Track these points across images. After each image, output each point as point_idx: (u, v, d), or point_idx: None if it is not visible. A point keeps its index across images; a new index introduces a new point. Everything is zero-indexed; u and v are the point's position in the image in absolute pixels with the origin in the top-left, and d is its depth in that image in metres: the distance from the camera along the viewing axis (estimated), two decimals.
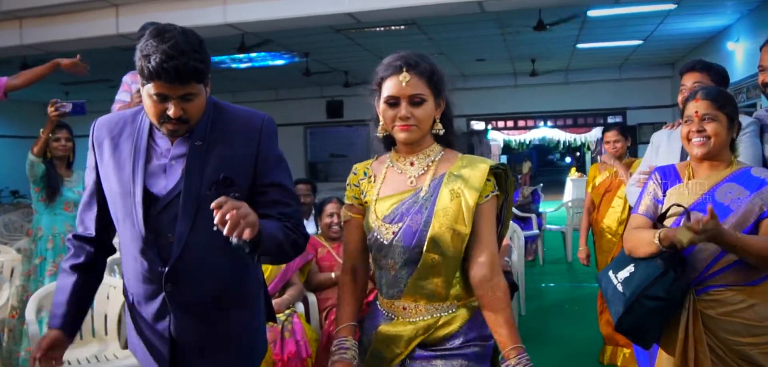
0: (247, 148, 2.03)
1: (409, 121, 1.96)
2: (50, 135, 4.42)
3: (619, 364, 4.88)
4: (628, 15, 9.49)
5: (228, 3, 6.98)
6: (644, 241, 2.42)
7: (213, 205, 1.65)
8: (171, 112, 1.88)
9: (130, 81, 3.90)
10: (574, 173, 17.55)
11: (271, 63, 12.33)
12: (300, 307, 4.08)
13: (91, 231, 2.14)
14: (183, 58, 1.82)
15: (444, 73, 2.03)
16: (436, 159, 2.01)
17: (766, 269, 2.30)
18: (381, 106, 2.02)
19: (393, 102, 1.98)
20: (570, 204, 10.07)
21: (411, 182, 2.01)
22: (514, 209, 7.73)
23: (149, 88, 1.87)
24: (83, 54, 4.13)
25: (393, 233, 1.96)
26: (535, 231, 9.14)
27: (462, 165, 1.98)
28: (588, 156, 21.99)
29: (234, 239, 1.67)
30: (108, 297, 3.86)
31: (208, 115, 2.02)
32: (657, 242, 2.34)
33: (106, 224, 2.13)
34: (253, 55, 11.20)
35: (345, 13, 6.99)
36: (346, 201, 2.14)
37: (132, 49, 2.03)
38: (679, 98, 3.38)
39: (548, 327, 6.11)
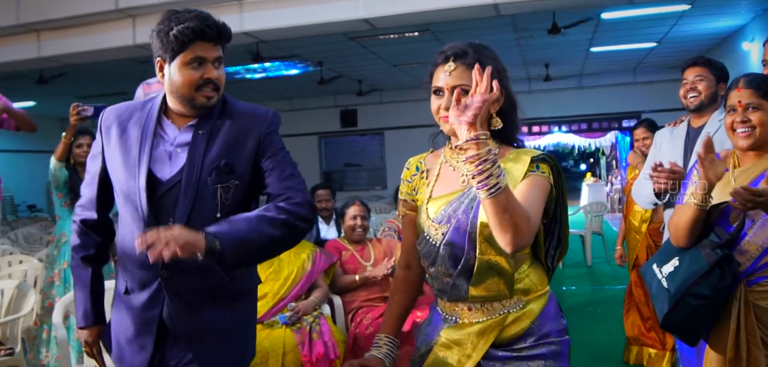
0: (250, 139, 2.05)
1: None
2: (73, 140, 4.44)
3: (644, 364, 4.83)
4: (641, 17, 9.43)
5: (244, 11, 7.01)
6: (682, 212, 2.35)
7: (138, 242, 1.73)
8: (210, 74, 1.96)
9: (143, 93, 3.87)
10: (589, 178, 17.51)
11: (285, 72, 12.36)
12: (326, 309, 4.06)
13: (94, 214, 2.19)
14: (214, 18, 1.96)
15: (502, 67, 1.90)
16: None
17: None
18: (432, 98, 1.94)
19: (438, 92, 1.90)
20: (588, 208, 10.03)
21: (463, 181, 1.90)
22: None
23: (183, 58, 1.95)
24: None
25: (442, 234, 1.87)
26: None
27: (509, 159, 1.87)
28: (603, 161, 21.90)
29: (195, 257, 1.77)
30: None
31: (216, 106, 2.06)
32: (694, 201, 2.27)
33: (106, 208, 2.20)
34: (267, 64, 11.23)
35: (360, 18, 6.98)
36: (400, 197, 2.09)
37: (149, 61, 2.07)
38: (681, 92, 3.39)
39: (571, 329, 6.00)
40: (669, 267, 2.41)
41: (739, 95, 2.41)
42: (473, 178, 1.63)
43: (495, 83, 1.67)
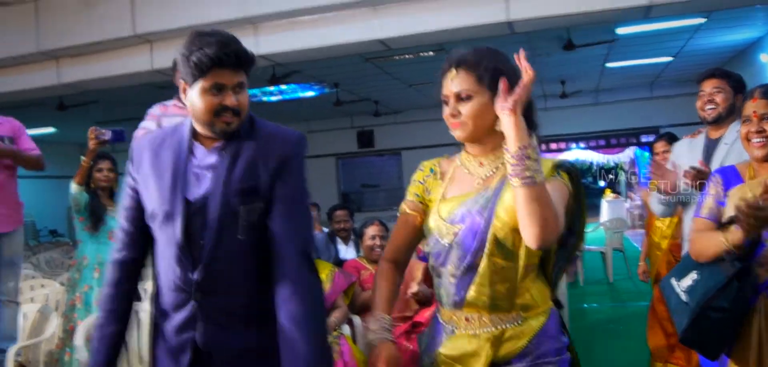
0: (273, 159, 2.03)
1: (456, 119, 1.91)
2: (92, 164, 4.49)
3: None
4: (657, 31, 9.39)
5: (260, 34, 7.06)
6: (711, 243, 2.34)
7: None
8: (228, 101, 1.95)
9: (160, 113, 3.91)
10: (609, 194, 17.37)
11: (301, 95, 12.42)
12: (346, 329, 4.06)
13: (130, 253, 2.16)
14: (236, 44, 1.95)
15: (511, 69, 1.87)
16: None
17: None
18: None
19: (444, 100, 1.95)
20: (608, 224, 9.96)
21: (478, 183, 1.93)
22: None
23: (203, 84, 1.94)
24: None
25: (454, 233, 1.89)
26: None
27: None
28: (622, 177, 21.75)
29: None
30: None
31: (242, 127, 2.05)
32: (726, 242, 2.27)
33: (143, 244, 2.15)
34: (283, 87, 11.29)
35: (375, 39, 7.02)
36: (408, 196, 2.08)
37: (167, 87, 2.07)
38: (698, 104, 3.39)
39: (594, 347, 6.00)
40: (687, 281, 2.40)
41: (755, 106, 2.42)
42: (511, 166, 1.68)
43: (502, 83, 1.74)
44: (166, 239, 2.02)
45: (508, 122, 1.71)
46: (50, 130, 13.92)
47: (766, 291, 2.30)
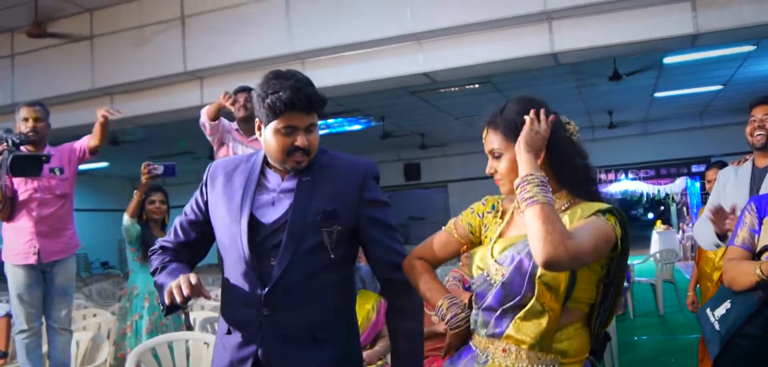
0: (351, 188, 2.15)
1: (495, 176, 2.00)
2: (145, 197, 4.63)
3: None
4: (705, 60, 9.28)
5: (306, 69, 7.18)
6: (744, 272, 2.35)
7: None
8: (299, 142, 2.05)
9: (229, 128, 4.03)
10: (660, 226, 17.07)
11: (348, 128, 12.56)
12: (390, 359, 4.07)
13: (173, 241, 2.28)
14: (310, 88, 2.05)
15: (541, 110, 1.94)
16: (562, 209, 1.93)
17: None
18: None
19: (488, 158, 2.02)
20: (658, 256, 9.77)
21: None
22: None
23: (277, 125, 2.06)
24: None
25: (502, 275, 1.89)
26: (624, 284, 8.86)
27: (579, 211, 1.88)
28: (673, 208, 21.36)
29: None
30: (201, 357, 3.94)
31: (317, 156, 2.17)
32: (759, 272, 2.27)
33: (186, 250, 2.27)
34: (330, 121, 11.45)
35: (420, 73, 7.07)
36: (461, 220, 2.13)
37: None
38: (748, 130, 3.33)
39: None
40: (721, 310, 2.41)
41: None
42: (517, 194, 1.79)
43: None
44: (236, 257, 2.11)
45: (517, 155, 1.86)
46: (104, 164, 14.32)
47: None
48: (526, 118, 1.88)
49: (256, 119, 2.15)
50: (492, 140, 1.98)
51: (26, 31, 7.48)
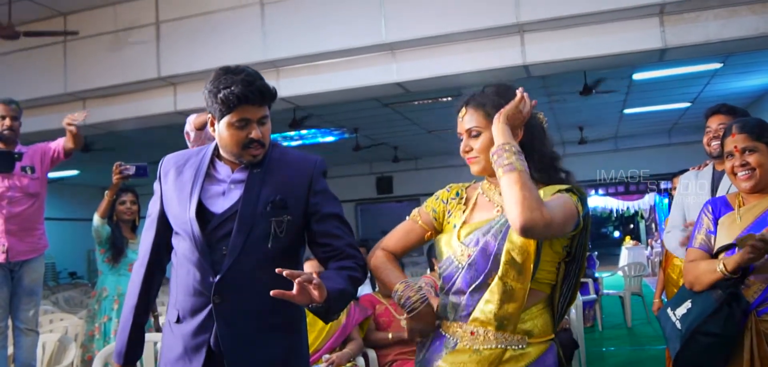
0: (301, 180, 2.21)
1: (469, 154, 2.07)
2: (115, 198, 4.60)
3: None
4: (673, 77, 9.45)
5: (281, 78, 7.20)
6: (706, 270, 2.43)
7: (288, 274, 1.85)
8: (254, 134, 2.11)
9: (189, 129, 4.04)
10: (629, 241, 17.27)
11: (321, 140, 12.56)
12: (360, 361, 4.08)
13: (147, 257, 2.31)
14: (261, 81, 2.11)
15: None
16: None
17: None
18: None
19: (460, 137, 2.11)
20: (627, 269, 9.91)
21: (498, 211, 2.03)
22: None
23: (230, 118, 2.11)
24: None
25: (468, 256, 1.97)
26: (593, 296, 8.98)
27: (541, 193, 1.91)
28: (642, 224, 21.62)
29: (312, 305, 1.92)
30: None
31: (268, 150, 2.22)
32: (722, 268, 2.34)
33: (160, 250, 2.31)
34: (303, 132, 11.44)
35: (393, 82, 7.11)
36: (425, 207, 2.21)
37: None
38: (705, 140, 3.46)
39: None
40: (682, 309, 2.49)
41: (734, 141, 2.54)
42: (494, 161, 1.86)
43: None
44: (188, 247, 2.16)
45: (493, 127, 1.93)
46: (74, 172, 14.15)
47: (755, 310, 2.37)
48: (517, 92, 1.98)
49: (208, 115, 2.20)
50: (472, 118, 2.06)
51: None
